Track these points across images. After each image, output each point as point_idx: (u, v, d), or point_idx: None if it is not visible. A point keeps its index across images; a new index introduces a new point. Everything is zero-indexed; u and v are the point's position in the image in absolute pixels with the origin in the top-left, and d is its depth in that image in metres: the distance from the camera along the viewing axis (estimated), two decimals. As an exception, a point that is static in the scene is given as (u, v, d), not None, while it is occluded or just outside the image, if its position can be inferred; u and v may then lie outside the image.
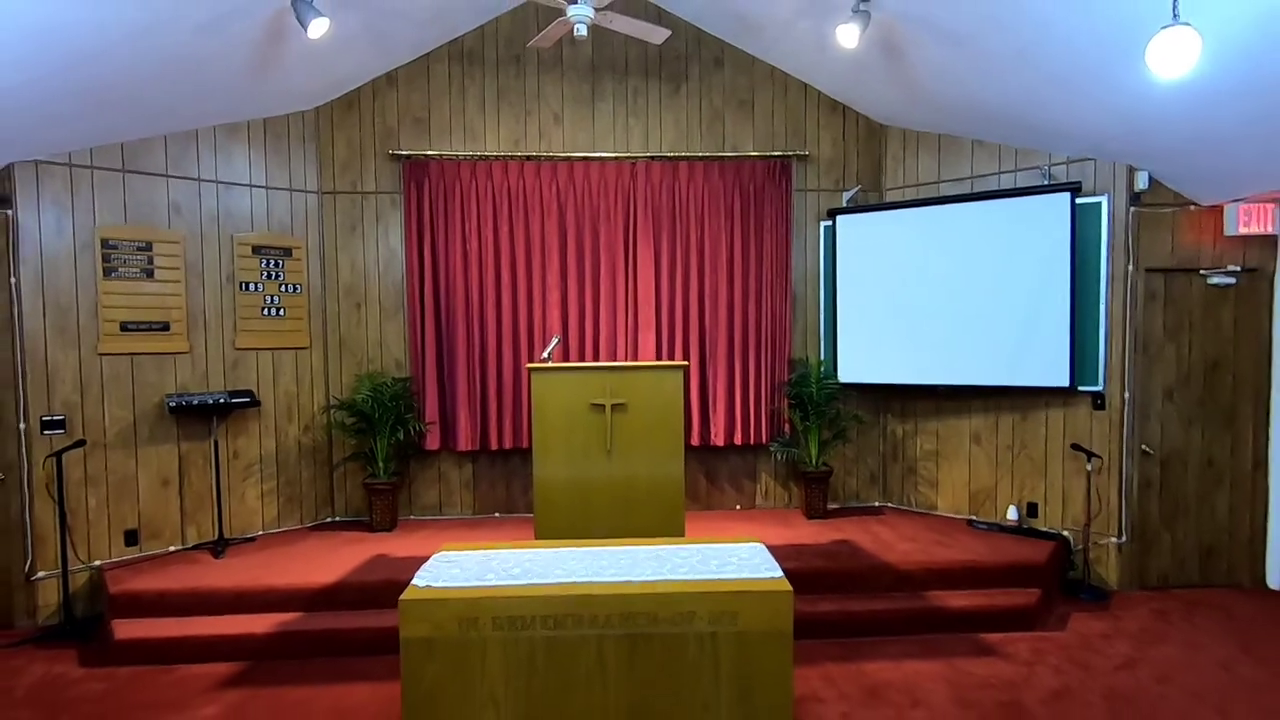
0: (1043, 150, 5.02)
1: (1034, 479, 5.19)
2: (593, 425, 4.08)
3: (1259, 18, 3.03)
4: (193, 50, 4.11)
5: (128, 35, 3.71)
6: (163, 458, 4.87)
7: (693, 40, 5.61)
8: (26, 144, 4.26)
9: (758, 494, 5.86)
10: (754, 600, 2.65)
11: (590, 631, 2.64)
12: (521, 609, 2.63)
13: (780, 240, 5.68)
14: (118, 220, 4.68)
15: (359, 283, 5.59)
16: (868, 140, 5.78)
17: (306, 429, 5.48)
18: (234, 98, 4.87)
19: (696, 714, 2.63)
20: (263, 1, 4.02)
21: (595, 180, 5.58)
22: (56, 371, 4.48)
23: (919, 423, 5.71)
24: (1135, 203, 4.75)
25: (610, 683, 2.63)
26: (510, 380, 5.56)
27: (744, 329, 5.66)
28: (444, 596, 2.64)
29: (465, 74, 5.55)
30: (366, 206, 5.57)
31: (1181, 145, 4.31)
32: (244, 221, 5.19)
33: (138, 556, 4.74)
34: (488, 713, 2.61)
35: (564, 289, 5.60)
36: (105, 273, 4.63)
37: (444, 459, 5.67)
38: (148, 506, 4.81)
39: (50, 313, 4.45)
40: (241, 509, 5.18)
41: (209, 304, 5.04)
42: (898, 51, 4.65)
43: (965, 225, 5.21)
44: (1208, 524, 4.92)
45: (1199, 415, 4.88)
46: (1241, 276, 4.80)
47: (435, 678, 2.60)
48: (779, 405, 5.70)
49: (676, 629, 2.65)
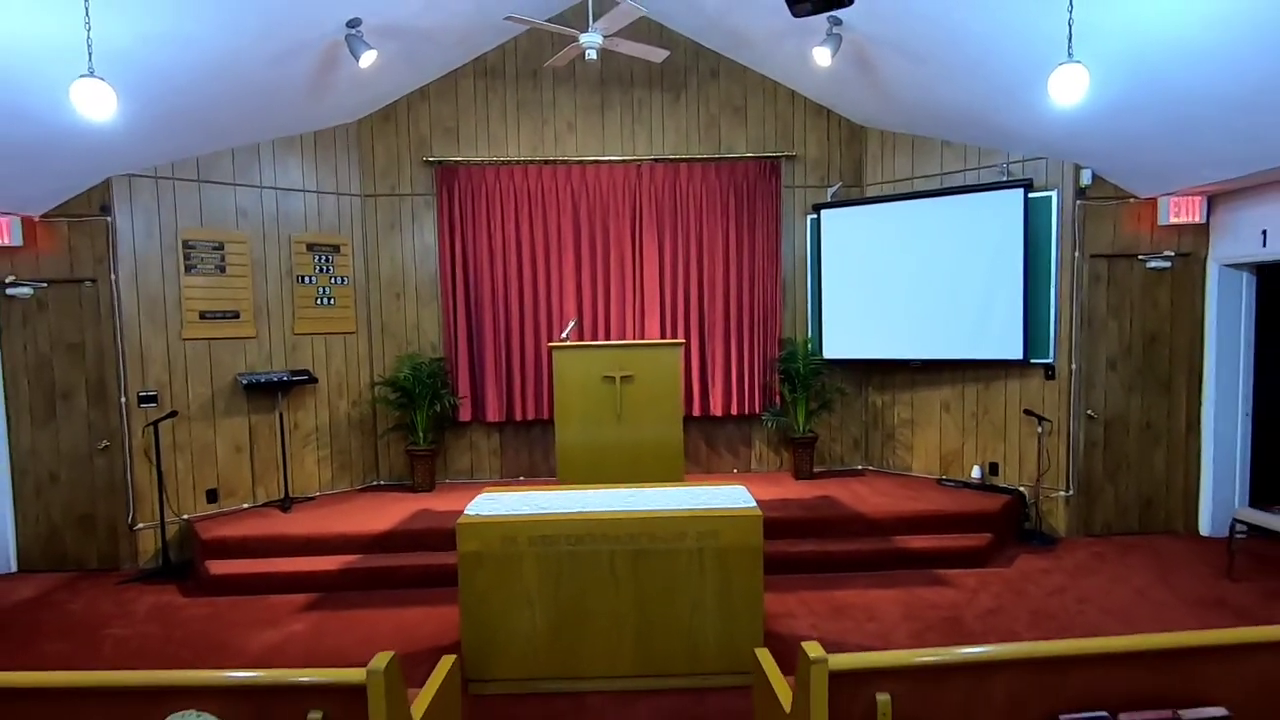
0: (1001, 150, 5.66)
1: (995, 442, 5.87)
2: (605, 394, 4.81)
3: (1166, 42, 3.68)
4: (262, 79, 4.85)
5: (213, 70, 4.46)
6: (236, 428, 5.66)
7: (691, 54, 6.27)
8: (122, 161, 5.02)
9: (752, 459, 6.58)
10: (732, 522, 3.38)
11: (604, 548, 3.38)
12: (550, 530, 3.37)
13: (771, 232, 6.36)
14: (195, 224, 5.45)
15: (398, 275, 6.34)
16: (849, 141, 6.43)
17: (355, 404, 6.26)
18: (291, 116, 5.61)
19: (687, 610, 3.37)
20: (320, 37, 4.74)
21: (605, 181, 6.28)
22: (149, 353, 5.27)
23: (896, 394, 6.40)
24: (1081, 196, 5.38)
25: (620, 586, 3.38)
26: (532, 358, 6.30)
27: (738, 312, 6.36)
28: (490, 521, 3.39)
29: (489, 88, 6.25)
30: (403, 207, 6.31)
31: (1116, 146, 4.95)
32: (298, 222, 5.94)
33: (218, 512, 5.54)
34: (525, 609, 3.36)
35: (578, 278, 6.32)
36: (186, 269, 5.41)
37: (474, 429, 6.44)
38: (225, 469, 5.62)
39: (143, 304, 5.23)
40: (301, 472, 5.97)
41: (271, 295, 5.81)
42: (870, 65, 5.30)
43: (934, 217, 5.86)
44: (1146, 479, 5.58)
45: (1138, 383, 5.54)
46: (1176, 261, 5.43)
47: (484, 583, 3.35)
48: (770, 379, 6.41)
49: (671, 545, 3.38)
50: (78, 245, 5.10)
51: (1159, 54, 3.78)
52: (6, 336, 5.14)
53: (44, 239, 5.07)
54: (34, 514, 5.25)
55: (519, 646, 3.37)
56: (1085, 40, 3.74)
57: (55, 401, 5.21)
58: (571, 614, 3.38)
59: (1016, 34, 4.10)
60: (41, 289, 5.12)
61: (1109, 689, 2.14)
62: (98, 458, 5.23)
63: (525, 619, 3.37)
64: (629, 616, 3.38)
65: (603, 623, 3.38)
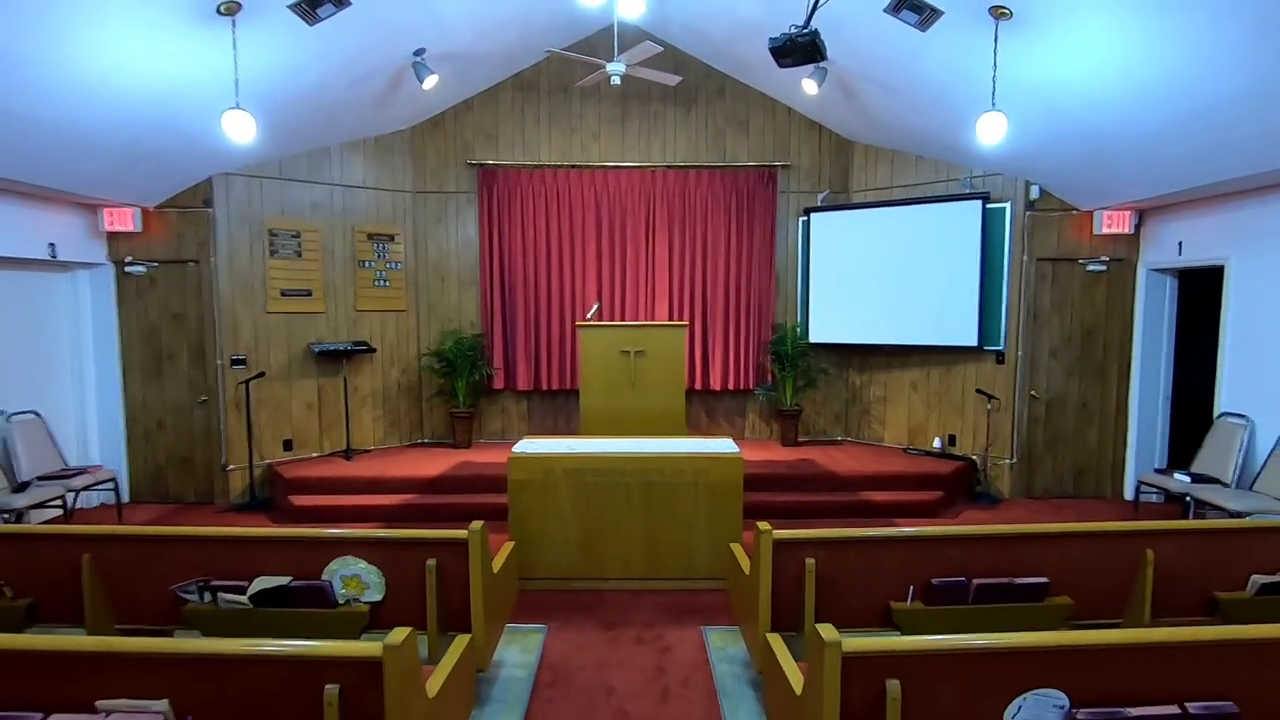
0: (965, 166, 6.57)
1: (954, 417, 6.83)
2: (621, 366, 5.80)
3: (1080, 90, 4.61)
4: (341, 97, 5.83)
5: (305, 91, 5.44)
6: (307, 388, 6.69)
7: (701, 74, 7.20)
8: (221, 162, 6.01)
9: (746, 428, 7.57)
10: (719, 462, 4.37)
11: (621, 480, 4.38)
12: (580, 465, 4.37)
13: (767, 232, 7.31)
14: (278, 214, 6.45)
15: (443, 261, 7.33)
16: (838, 153, 7.35)
17: (404, 372, 7.27)
18: (358, 124, 6.58)
19: (684, 528, 4.37)
20: (391, 63, 5.70)
21: (623, 184, 7.23)
22: (240, 324, 6.28)
23: (872, 374, 7.36)
24: (1030, 208, 6.30)
25: (633, 509, 4.37)
26: (557, 336, 7.29)
27: (736, 300, 7.32)
28: (534, 455, 4.39)
29: (525, 101, 7.20)
30: (449, 203, 7.29)
31: (1055, 168, 5.87)
32: (360, 214, 6.93)
33: (292, 459, 6.58)
34: (559, 524, 4.37)
35: (599, 267, 7.29)
36: (270, 253, 6.41)
37: (506, 396, 7.45)
38: (298, 423, 6.65)
39: (235, 282, 6.24)
40: (359, 428, 7.00)
41: (337, 277, 6.81)
42: (852, 92, 6.22)
43: (908, 222, 6.80)
44: (1080, 451, 6.54)
45: (1076, 369, 6.48)
46: (1110, 265, 6.35)
47: (528, 503, 4.36)
48: (763, 359, 7.38)
49: (673, 479, 4.37)
50: (184, 232, 6.10)
51: (1074, 99, 4.71)
52: (124, 307, 6.16)
53: (156, 226, 6.07)
54: (143, 455, 6.29)
55: (554, 553, 4.39)
56: (1013, 87, 4.67)
57: (162, 362, 6.24)
58: (595, 529, 4.39)
59: (965, 78, 5.02)
60: (153, 268, 6.14)
61: (969, 564, 3.12)
62: (196, 410, 6.27)
63: (559, 532, 4.38)
64: (639, 532, 4.39)
65: (619, 536, 4.39)
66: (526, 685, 3.34)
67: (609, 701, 3.23)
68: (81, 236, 5.82)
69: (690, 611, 4.15)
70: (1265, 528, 3.23)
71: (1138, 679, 2.06)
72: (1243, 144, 4.36)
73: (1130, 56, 4.10)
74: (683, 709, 3.17)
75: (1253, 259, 5.20)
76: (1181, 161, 4.93)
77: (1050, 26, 4.18)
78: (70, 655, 1.98)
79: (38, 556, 3.08)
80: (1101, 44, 4.11)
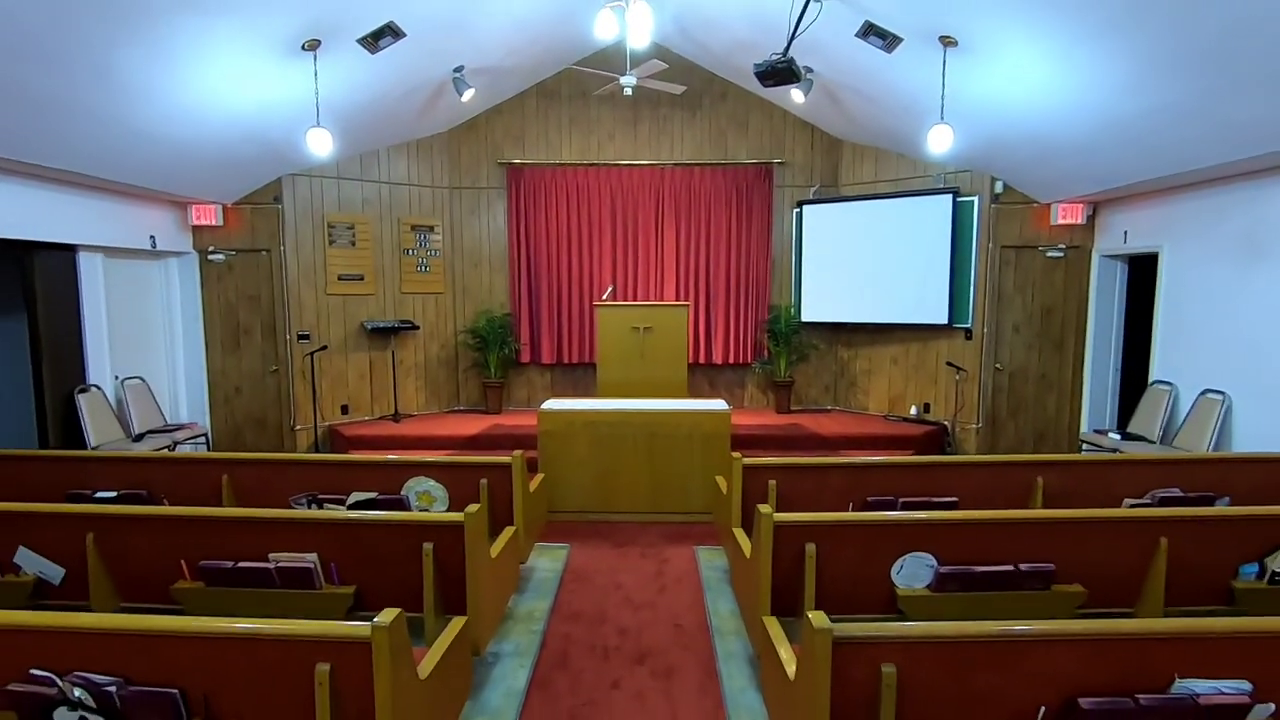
0: (939, 164, 7.37)
1: (929, 386, 7.69)
2: (632, 341, 6.73)
3: (1020, 102, 5.43)
4: (393, 107, 6.77)
5: (364, 103, 6.39)
6: (360, 360, 7.70)
7: (705, 80, 8.04)
8: (289, 165, 6.98)
9: (745, 398, 8.48)
10: (711, 417, 5.30)
11: (629, 431, 5.32)
12: (596, 419, 5.32)
13: (764, 222, 8.17)
14: (335, 209, 7.43)
15: (476, 249, 8.28)
16: (828, 151, 8.17)
17: (443, 346, 8.26)
18: (404, 129, 7.53)
19: (682, 472, 5.31)
20: (435, 78, 6.62)
21: (636, 180, 8.12)
22: (304, 303, 7.29)
23: (858, 349, 8.23)
24: (995, 201, 7.11)
25: (639, 455, 5.32)
26: (577, 315, 8.23)
27: (736, 283, 8.21)
28: (559, 411, 5.34)
29: (548, 107, 8.10)
30: (481, 198, 8.23)
31: (1017, 166, 6.67)
32: (404, 208, 7.89)
33: (348, 421, 7.61)
34: (579, 467, 5.33)
35: (613, 253, 8.20)
36: (329, 243, 7.40)
37: (531, 368, 8.42)
38: (353, 390, 7.67)
39: (301, 268, 7.24)
40: (404, 396, 8.01)
41: (385, 263, 7.79)
42: (837, 99, 7.05)
43: (889, 213, 7.62)
44: (1039, 417, 7.37)
45: (1036, 343, 7.30)
46: (1068, 252, 7.14)
47: (553, 449, 5.32)
48: (759, 336, 8.27)
49: (673, 431, 5.31)
50: (257, 225, 7.10)
51: (1015, 110, 5.53)
52: (206, 289, 7.19)
53: (234, 220, 7.08)
54: (223, 416, 7.35)
55: (575, 490, 5.35)
56: (966, 98, 5.49)
57: (239, 336, 7.28)
58: (608, 472, 5.34)
59: (927, 90, 5.82)
60: (231, 255, 7.15)
61: (897, 487, 4.03)
62: (268, 377, 7.30)
63: (579, 473, 5.34)
64: (645, 474, 5.34)
65: (628, 477, 5.34)
66: (555, 582, 4.32)
67: (618, 593, 4.19)
68: (173, 229, 6.84)
69: (685, 537, 5.10)
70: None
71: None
72: (1156, 151, 5.16)
73: (1053, 79, 4.91)
74: (675, 597, 4.13)
75: (1180, 248, 5.99)
76: (1108, 164, 5.73)
77: (989, 52, 5.00)
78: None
79: (190, 475, 4.10)
80: (1029, 68, 4.92)
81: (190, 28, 4.32)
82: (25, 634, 2.09)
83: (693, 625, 3.78)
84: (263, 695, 2.08)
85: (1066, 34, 4.42)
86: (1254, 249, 5.23)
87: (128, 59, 4.33)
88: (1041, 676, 2.00)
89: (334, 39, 5.14)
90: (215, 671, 2.07)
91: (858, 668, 2.02)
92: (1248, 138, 4.49)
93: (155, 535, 3.02)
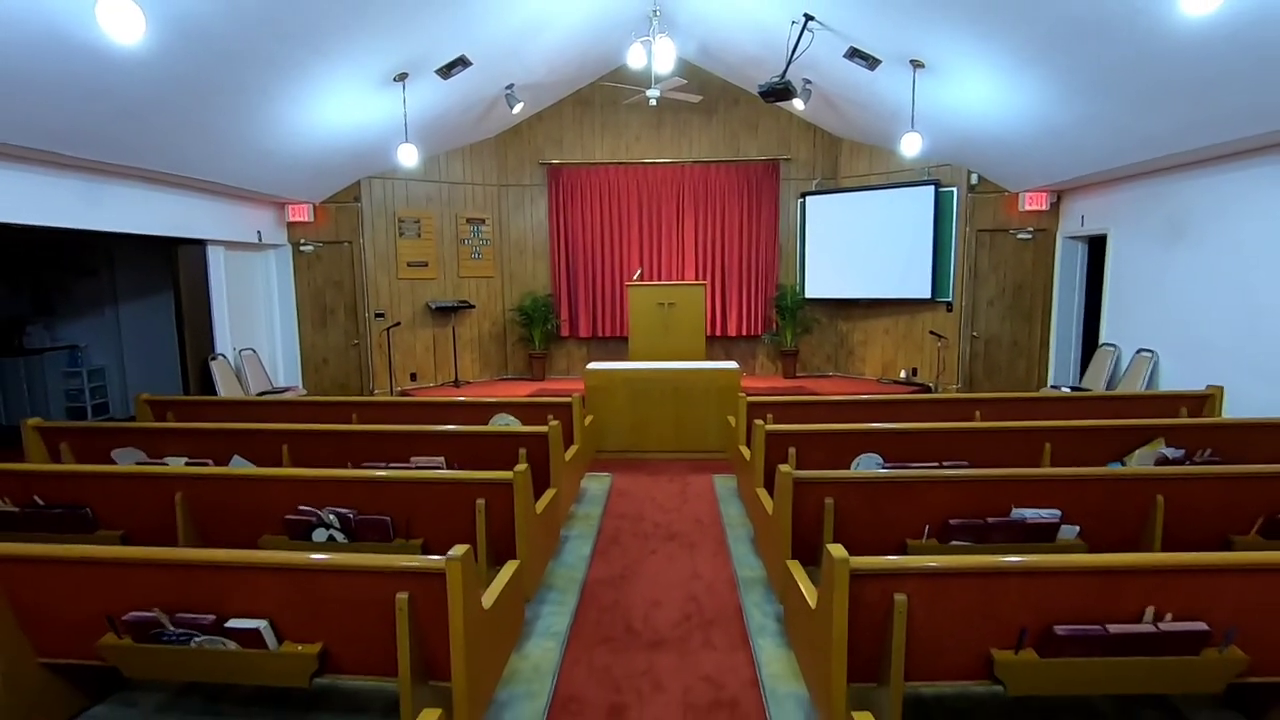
0: (922, 159, 8.47)
1: (916, 353, 8.84)
2: (657, 315, 7.96)
3: (976, 111, 6.55)
4: (455, 119, 8.02)
5: (434, 117, 7.65)
6: (426, 335, 9.01)
7: (719, 88, 9.18)
8: (367, 170, 8.27)
9: (756, 365, 9.69)
10: (725, 374, 6.52)
11: (659, 386, 6.56)
12: (631, 376, 6.57)
13: (772, 212, 9.32)
14: (404, 206, 8.71)
15: (522, 239, 9.54)
16: (829, 148, 9.29)
17: (494, 323, 9.55)
18: (461, 136, 8.79)
19: (701, 418, 6.54)
20: (490, 94, 7.85)
21: (659, 176, 9.31)
22: (380, 287, 8.61)
23: (855, 322, 9.38)
24: (971, 190, 8.20)
25: (667, 406, 6.56)
26: (610, 294, 9.47)
27: (748, 264, 9.39)
28: (601, 369, 6.60)
29: (583, 113, 9.30)
30: (526, 194, 9.47)
31: (988, 161, 7.77)
32: (461, 204, 9.16)
33: (417, 386, 8.94)
34: (618, 415, 6.58)
35: (640, 241, 9.42)
36: (399, 235, 8.69)
37: (570, 342, 9.68)
38: (420, 361, 8.99)
39: (377, 256, 8.55)
40: (462, 365, 9.32)
41: (445, 252, 9.08)
42: (833, 105, 8.17)
43: (880, 203, 8.75)
44: (1011, 379, 8.50)
45: (1009, 314, 8.41)
46: (1035, 235, 8.23)
47: (598, 401, 6.58)
48: (769, 311, 9.46)
49: (693, 386, 6.54)
50: (340, 220, 8.41)
51: (980, 117, 6.64)
52: (299, 276, 8.53)
53: (321, 216, 8.39)
54: (314, 382, 8.71)
55: (615, 433, 6.61)
56: (938, 106, 6.61)
57: (326, 315, 8.62)
58: (643, 418, 6.60)
59: (907, 101, 6.95)
60: (319, 247, 8.48)
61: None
62: (350, 350, 8.64)
63: (618, 419, 6.60)
64: (671, 420, 6.59)
65: (658, 424, 6.60)
66: (604, 495, 5.59)
67: (652, 503, 5.45)
68: (273, 225, 8.17)
69: (704, 469, 6.35)
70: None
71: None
72: (1086, 152, 6.27)
73: (1005, 93, 6.02)
74: (695, 506, 5.38)
75: (1122, 231, 7.07)
76: (1053, 161, 6.85)
77: (950, 73, 6.11)
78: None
79: (328, 411, 5.41)
80: (986, 84, 6.04)
81: (317, 71, 5.59)
82: (295, 483, 3.39)
83: (709, 520, 5.03)
84: (441, 519, 3.36)
85: (1012, 58, 5.54)
86: (1174, 232, 6.32)
87: (272, 97, 5.62)
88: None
89: (417, 71, 6.39)
90: (412, 505, 3.36)
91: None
92: (1150, 144, 5.59)
93: (337, 444, 4.31)
